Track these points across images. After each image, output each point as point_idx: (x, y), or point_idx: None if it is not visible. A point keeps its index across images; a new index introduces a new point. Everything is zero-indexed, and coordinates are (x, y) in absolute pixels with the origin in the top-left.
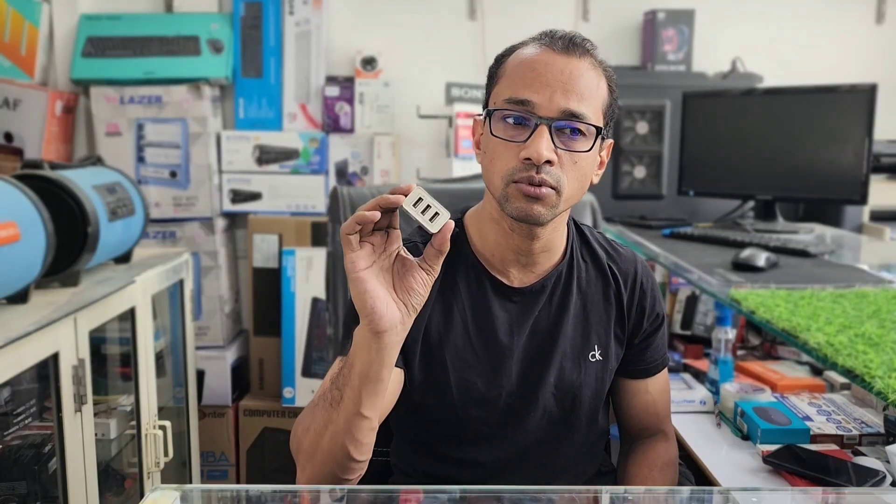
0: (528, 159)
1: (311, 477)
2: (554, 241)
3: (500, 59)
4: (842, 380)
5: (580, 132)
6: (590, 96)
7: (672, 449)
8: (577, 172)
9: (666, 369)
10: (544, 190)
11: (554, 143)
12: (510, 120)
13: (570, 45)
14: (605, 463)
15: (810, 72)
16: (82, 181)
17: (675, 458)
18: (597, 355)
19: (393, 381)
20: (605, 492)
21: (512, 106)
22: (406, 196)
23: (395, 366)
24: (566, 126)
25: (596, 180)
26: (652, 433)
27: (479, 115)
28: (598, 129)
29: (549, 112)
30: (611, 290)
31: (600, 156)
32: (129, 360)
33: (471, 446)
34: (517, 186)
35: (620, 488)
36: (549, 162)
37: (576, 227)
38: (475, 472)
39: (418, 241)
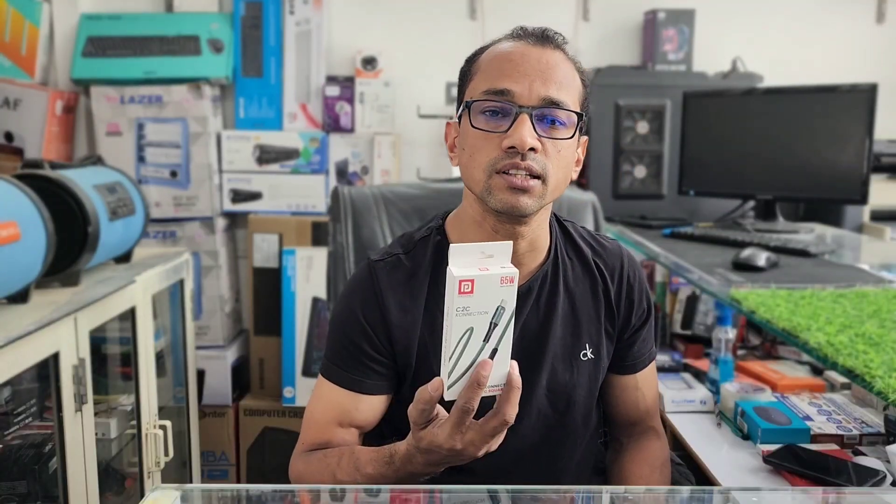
0: (512, 147)
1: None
2: (539, 240)
3: (472, 59)
4: (842, 379)
5: (560, 121)
6: (568, 85)
7: (666, 448)
8: (561, 161)
9: (653, 364)
10: (531, 182)
11: (536, 131)
12: (489, 112)
13: (544, 37)
14: (601, 459)
15: (810, 72)
16: (83, 181)
17: (668, 456)
18: (588, 354)
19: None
20: (605, 492)
21: (491, 97)
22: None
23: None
24: (547, 114)
25: (574, 176)
26: (643, 429)
27: (451, 118)
28: (580, 116)
29: (530, 101)
30: (598, 286)
31: (577, 153)
32: (129, 360)
33: None
34: (503, 178)
35: (620, 488)
36: (532, 150)
37: (558, 223)
38: (469, 480)
39: (399, 252)
